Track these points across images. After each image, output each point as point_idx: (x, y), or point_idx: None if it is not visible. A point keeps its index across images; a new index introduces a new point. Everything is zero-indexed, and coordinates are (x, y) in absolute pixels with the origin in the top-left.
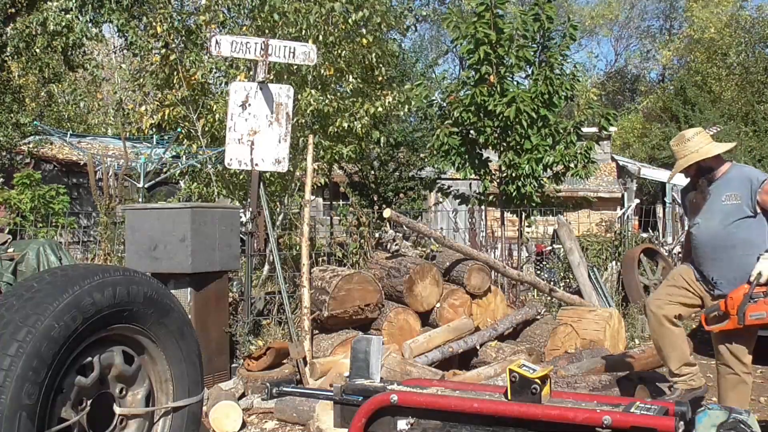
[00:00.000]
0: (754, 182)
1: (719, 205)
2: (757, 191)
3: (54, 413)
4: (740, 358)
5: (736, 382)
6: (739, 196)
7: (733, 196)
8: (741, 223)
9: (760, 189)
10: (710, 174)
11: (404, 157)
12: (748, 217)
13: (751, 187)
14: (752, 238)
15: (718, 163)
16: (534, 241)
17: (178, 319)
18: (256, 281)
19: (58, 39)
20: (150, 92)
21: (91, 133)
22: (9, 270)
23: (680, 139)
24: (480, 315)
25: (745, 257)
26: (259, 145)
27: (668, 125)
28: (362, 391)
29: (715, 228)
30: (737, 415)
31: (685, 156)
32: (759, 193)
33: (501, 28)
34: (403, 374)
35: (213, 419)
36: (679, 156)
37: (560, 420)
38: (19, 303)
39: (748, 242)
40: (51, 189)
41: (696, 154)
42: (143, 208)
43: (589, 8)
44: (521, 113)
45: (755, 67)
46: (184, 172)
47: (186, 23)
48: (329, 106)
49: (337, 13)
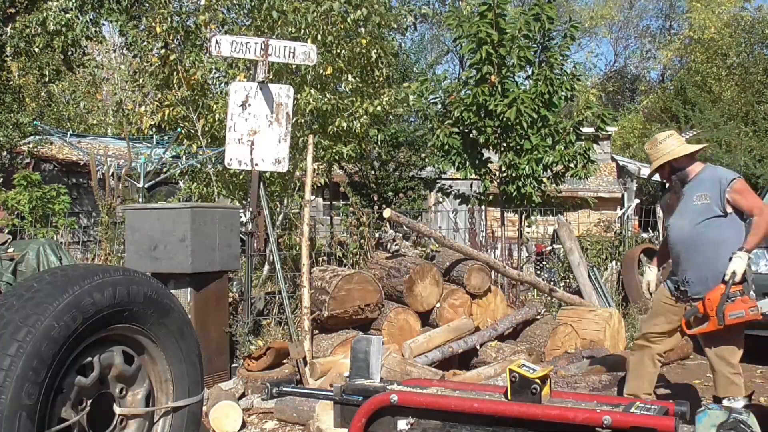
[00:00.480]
0: (723, 182)
1: (691, 206)
2: (726, 190)
3: (54, 413)
4: (727, 359)
5: (727, 384)
6: (709, 196)
7: (703, 196)
8: (711, 222)
9: (729, 188)
10: (683, 175)
11: (404, 157)
12: (719, 216)
13: (720, 187)
14: (723, 238)
15: (689, 164)
16: (534, 241)
17: (178, 319)
18: (256, 281)
19: (57, 38)
20: (150, 92)
21: (91, 133)
22: (9, 270)
23: (653, 142)
24: (480, 315)
25: (715, 257)
26: (259, 145)
27: (668, 125)
28: (362, 391)
29: (686, 228)
30: (737, 415)
31: (658, 158)
32: (728, 192)
33: (503, 27)
34: (403, 374)
35: (213, 419)
36: (653, 158)
37: (560, 420)
38: (19, 303)
39: (718, 242)
40: (51, 189)
41: (668, 155)
42: (143, 208)
43: (589, 9)
44: (522, 114)
45: (755, 67)
46: (184, 172)
47: (185, 23)
48: (328, 105)
49: (335, 12)
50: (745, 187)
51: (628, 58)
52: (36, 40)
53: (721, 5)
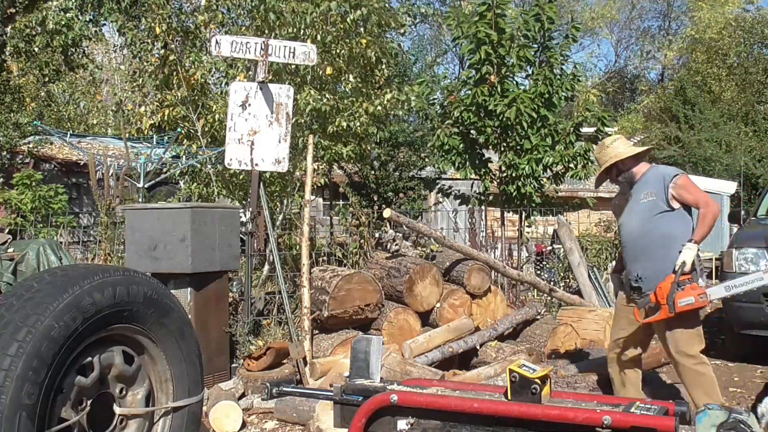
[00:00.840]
0: (666, 178)
1: (639, 204)
2: (669, 186)
3: (54, 413)
4: (686, 351)
5: (693, 376)
6: (655, 193)
7: (649, 194)
8: (659, 218)
9: (672, 183)
10: (629, 176)
11: (404, 157)
12: (666, 211)
13: (664, 183)
14: (671, 232)
15: (635, 165)
16: (534, 241)
17: (178, 319)
18: (256, 281)
19: (57, 38)
20: (150, 93)
21: (91, 133)
22: (9, 270)
23: (601, 146)
24: (480, 315)
25: (663, 251)
26: (259, 145)
27: (668, 125)
28: (362, 391)
29: (636, 226)
30: (737, 415)
31: (605, 161)
32: (671, 187)
33: (502, 28)
34: (403, 374)
35: (213, 419)
36: (601, 162)
37: (560, 420)
38: (19, 303)
39: (667, 236)
40: (50, 189)
41: (615, 157)
42: (143, 208)
43: (590, 9)
44: (521, 114)
45: (755, 67)
46: (184, 172)
47: (185, 24)
48: (328, 105)
49: (334, 12)
50: (688, 182)
51: (629, 58)
52: (36, 40)
53: (724, 5)
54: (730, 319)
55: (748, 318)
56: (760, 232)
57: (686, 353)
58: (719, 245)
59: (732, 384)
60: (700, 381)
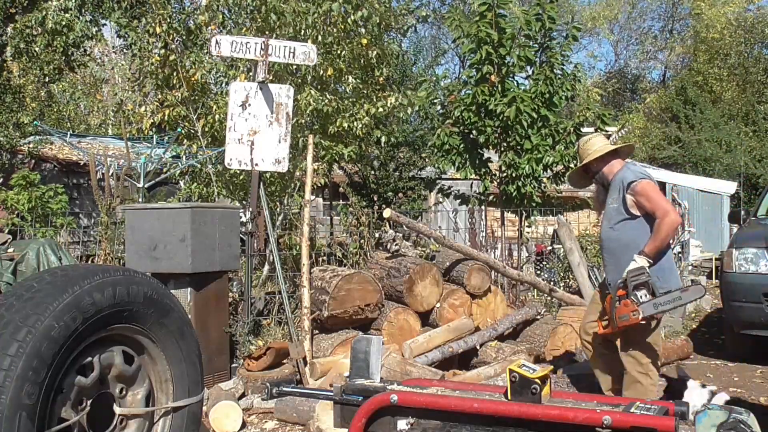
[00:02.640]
0: (624, 184)
1: (608, 208)
2: (627, 193)
3: (54, 413)
4: (638, 359)
5: (630, 381)
6: (617, 199)
7: (614, 199)
8: (622, 225)
9: (629, 191)
10: (601, 177)
11: (404, 157)
12: (626, 219)
13: (622, 189)
14: (629, 241)
15: (603, 165)
16: (534, 241)
17: (178, 319)
18: (256, 281)
19: (58, 39)
20: (150, 93)
21: (91, 133)
22: (9, 270)
23: (578, 146)
24: (480, 315)
25: (624, 260)
26: (259, 145)
27: (668, 125)
28: (362, 391)
29: (604, 230)
30: (737, 415)
31: (581, 161)
32: (628, 194)
33: (503, 27)
34: (403, 374)
35: (213, 419)
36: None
37: (560, 420)
38: (19, 303)
39: (629, 245)
40: (49, 189)
41: (587, 158)
42: (143, 208)
43: (590, 8)
44: (522, 113)
45: (755, 67)
46: (184, 172)
47: (185, 24)
48: (328, 106)
49: (335, 12)
50: (647, 189)
51: (629, 58)
52: (37, 40)
53: (726, 5)
54: (730, 319)
55: (748, 318)
56: (760, 232)
57: (638, 361)
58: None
59: (732, 384)
60: (635, 387)
